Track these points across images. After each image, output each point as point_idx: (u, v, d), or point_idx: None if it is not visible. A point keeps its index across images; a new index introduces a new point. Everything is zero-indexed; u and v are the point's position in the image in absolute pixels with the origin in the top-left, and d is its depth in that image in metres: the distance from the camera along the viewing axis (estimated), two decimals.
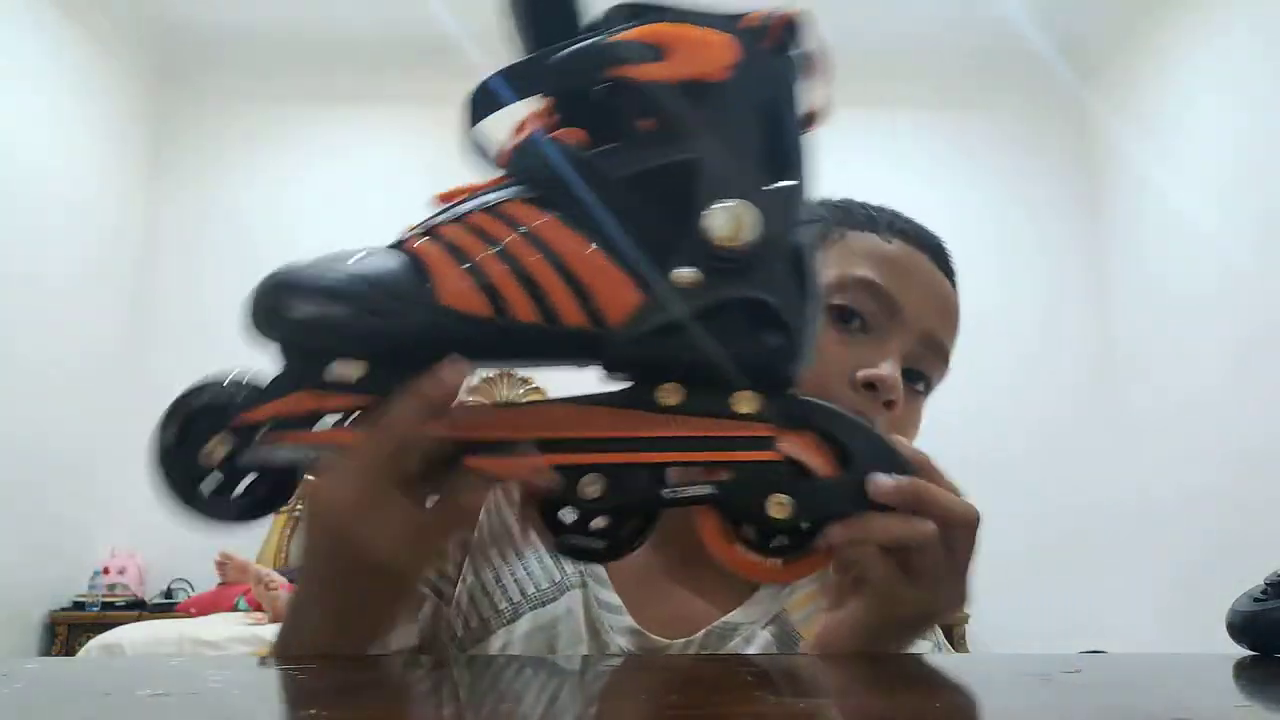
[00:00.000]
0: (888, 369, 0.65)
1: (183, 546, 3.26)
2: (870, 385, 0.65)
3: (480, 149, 0.50)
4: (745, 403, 0.46)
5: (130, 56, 3.82)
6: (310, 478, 0.46)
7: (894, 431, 0.66)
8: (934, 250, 0.73)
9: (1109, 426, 3.73)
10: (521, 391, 3.62)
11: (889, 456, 0.47)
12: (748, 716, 0.31)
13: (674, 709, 0.34)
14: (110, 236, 3.68)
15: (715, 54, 0.45)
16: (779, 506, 0.46)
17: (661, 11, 0.47)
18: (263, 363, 0.47)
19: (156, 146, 3.94)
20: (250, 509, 0.47)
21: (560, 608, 0.67)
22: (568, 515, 0.48)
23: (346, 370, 0.45)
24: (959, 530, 0.49)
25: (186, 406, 0.47)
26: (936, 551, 0.48)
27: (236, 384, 0.47)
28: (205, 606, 3.24)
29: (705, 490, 0.46)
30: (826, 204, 0.75)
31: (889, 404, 0.65)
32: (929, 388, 0.72)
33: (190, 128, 3.99)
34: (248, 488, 0.47)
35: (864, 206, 0.75)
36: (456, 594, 0.69)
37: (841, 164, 0.73)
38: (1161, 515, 3.42)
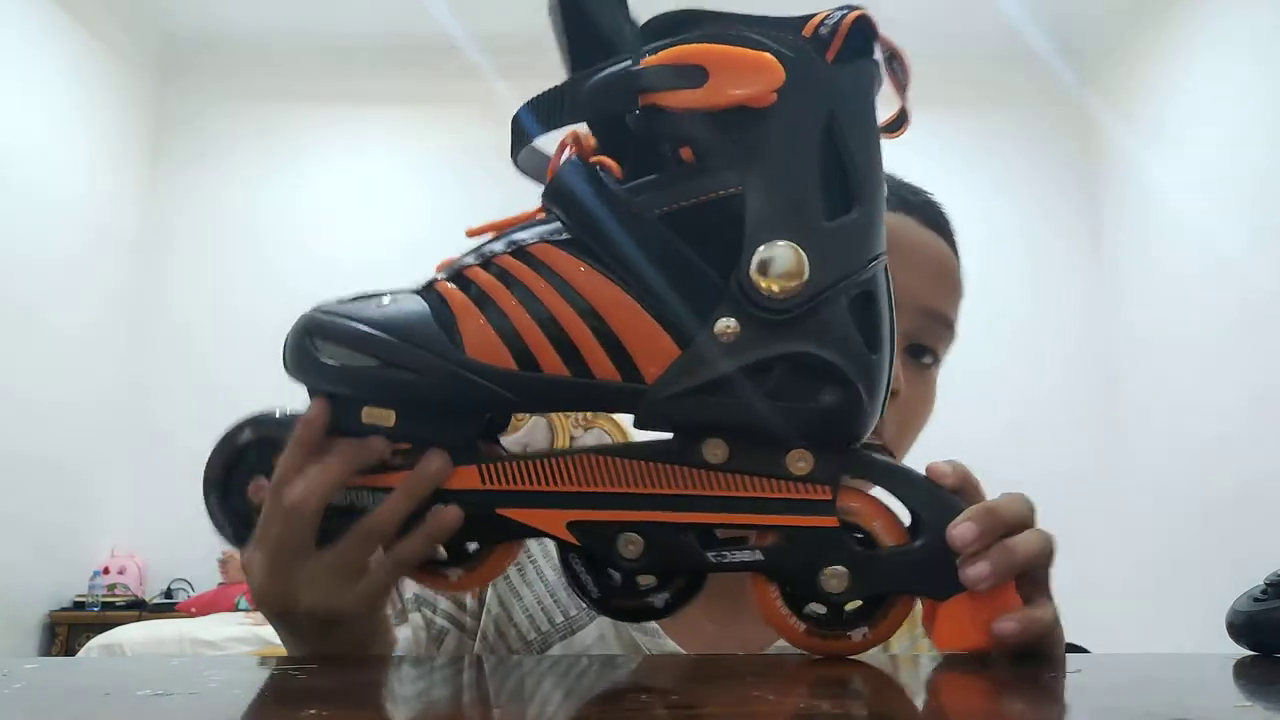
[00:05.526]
0: None
1: (183, 546, 3.27)
2: None
3: (532, 167, 0.47)
4: (800, 462, 0.42)
5: (131, 56, 3.82)
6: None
7: (906, 413, 0.65)
8: (922, 210, 0.67)
9: (1108, 426, 3.73)
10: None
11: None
12: (748, 716, 0.31)
13: (674, 709, 0.34)
14: (110, 236, 3.67)
15: (759, 77, 0.40)
16: (834, 579, 0.42)
17: (716, 19, 0.42)
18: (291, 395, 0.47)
19: (157, 146, 3.94)
20: None
21: (591, 635, 0.64)
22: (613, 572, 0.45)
23: (378, 417, 0.44)
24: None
25: (233, 443, 0.47)
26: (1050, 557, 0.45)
27: (281, 422, 0.47)
28: (205, 606, 3.24)
29: (753, 557, 0.43)
30: None
31: (891, 394, 0.63)
32: (937, 359, 0.68)
33: (191, 128, 3.99)
34: None
35: None
36: (483, 626, 0.66)
37: None
38: (1161, 515, 3.42)
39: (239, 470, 0.47)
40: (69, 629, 3.26)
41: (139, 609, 3.32)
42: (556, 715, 0.33)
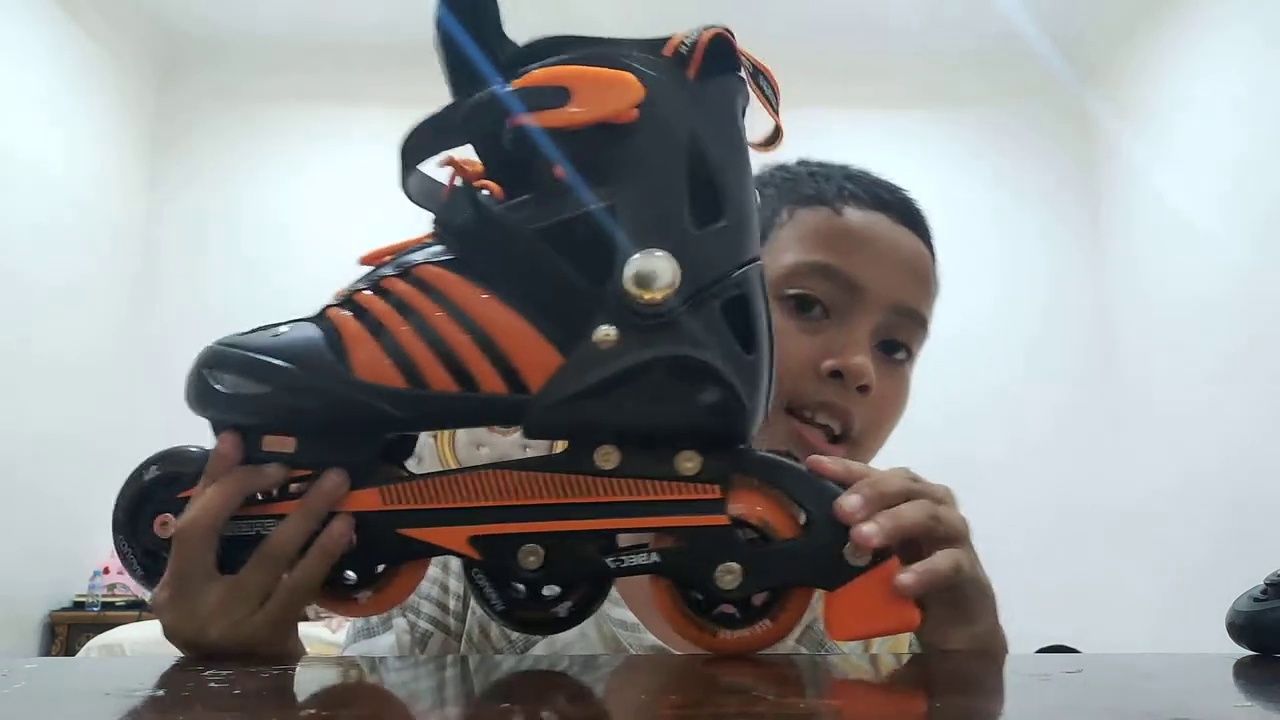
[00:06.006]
0: (854, 357, 0.63)
1: None
2: (838, 374, 0.63)
3: (422, 193, 0.48)
4: (687, 462, 0.43)
5: (130, 56, 3.82)
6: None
7: (878, 408, 0.65)
8: (895, 207, 0.68)
9: (1107, 425, 3.73)
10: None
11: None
12: (748, 716, 0.31)
13: (674, 709, 0.34)
14: (110, 234, 3.67)
15: (618, 94, 0.42)
16: (728, 576, 0.43)
17: (583, 44, 0.44)
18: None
19: (156, 146, 3.94)
20: None
21: (573, 632, 0.65)
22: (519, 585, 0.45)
23: (279, 444, 0.45)
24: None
25: (139, 481, 0.48)
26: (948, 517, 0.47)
27: (187, 458, 0.47)
28: None
29: (651, 559, 0.44)
30: (772, 175, 0.70)
31: (863, 389, 0.63)
32: (910, 355, 0.68)
33: (190, 127, 3.98)
34: None
35: (813, 175, 0.70)
36: (468, 627, 0.66)
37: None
38: (1160, 515, 3.42)
39: (147, 508, 0.47)
40: (69, 629, 3.25)
41: (139, 609, 3.31)
42: (560, 715, 0.33)
